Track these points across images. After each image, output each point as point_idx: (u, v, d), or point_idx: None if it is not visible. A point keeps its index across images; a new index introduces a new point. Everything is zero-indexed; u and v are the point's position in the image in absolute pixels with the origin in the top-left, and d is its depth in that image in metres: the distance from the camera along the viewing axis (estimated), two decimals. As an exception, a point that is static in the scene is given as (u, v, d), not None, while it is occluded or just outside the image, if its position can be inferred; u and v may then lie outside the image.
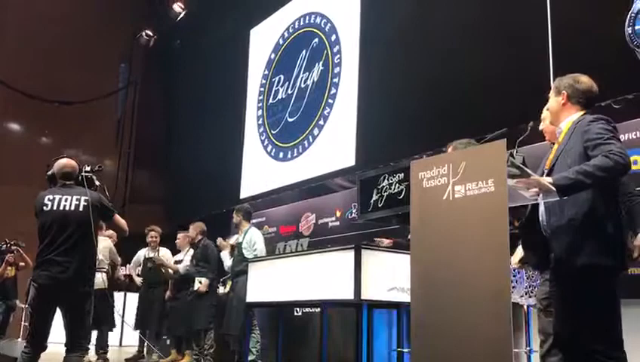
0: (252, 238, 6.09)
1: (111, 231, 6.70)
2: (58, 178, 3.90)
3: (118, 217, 3.95)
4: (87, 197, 3.74)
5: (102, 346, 6.89)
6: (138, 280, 7.78)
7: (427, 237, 2.38)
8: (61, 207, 3.74)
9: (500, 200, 2.10)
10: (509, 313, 2.02)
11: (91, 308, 3.74)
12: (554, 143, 2.81)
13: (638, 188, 4.39)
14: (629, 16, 4.64)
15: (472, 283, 2.15)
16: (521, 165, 2.13)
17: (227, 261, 6.53)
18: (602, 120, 2.58)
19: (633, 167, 4.51)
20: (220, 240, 6.64)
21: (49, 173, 3.95)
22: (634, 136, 4.66)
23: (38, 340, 3.70)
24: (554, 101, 2.82)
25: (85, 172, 3.90)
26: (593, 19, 4.92)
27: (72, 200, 3.76)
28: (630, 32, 4.63)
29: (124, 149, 13.27)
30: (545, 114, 2.98)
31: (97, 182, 3.91)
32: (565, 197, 2.36)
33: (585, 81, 2.83)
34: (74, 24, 12.21)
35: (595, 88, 2.82)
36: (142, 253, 7.84)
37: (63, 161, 3.94)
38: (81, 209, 3.72)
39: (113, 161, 12.97)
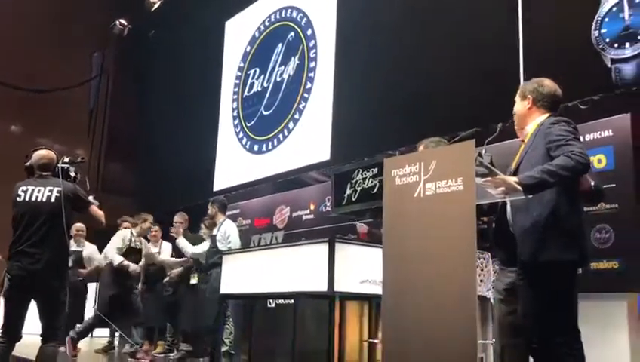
0: (226, 231, 6.11)
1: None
2: (35, 169, 3.90)
3: (94, 208, 3.93)
4: (59, 188, 3.73)
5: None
6: None
7: (399, 232, 2.48)
8: (33, 198, 3.74)
9: (469, 198, 2.21)
10: (474, 305, 2.13)
11: (66, 298, 3.74)
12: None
13: (605, 186, 4.58)
14: (595, 19, 4.81)
15: (440, 276, 2.26)
16: (489, 165, 2.24)
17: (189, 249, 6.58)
18: (563, 122, 2.71)
19: (599, 166, 4.70)
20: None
21: (27, 163, 3.95)
22: (599, 136, 4.81)
23: (11, 331, 3.71)
24: (520, 105, 2.94)
25: (63, 163, 3.89)
26: (562, 22, 5.07)
27: (44, 191, 3.75)
28: (597, 35, 4.79)
29: (97, 139, 13.14)
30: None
31: (73, 174, 3.89)
32: (530, 196, 2.49)
33: (549, 85, 2.95)
34: (47, 12, 12.02)
35: (558, 92, 2.95)
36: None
37: (41, 152, 3.94)
38: (52, 200, 3.71)
39: (85, 151, 12.81)
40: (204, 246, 6.52)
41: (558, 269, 2.60)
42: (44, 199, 3.73)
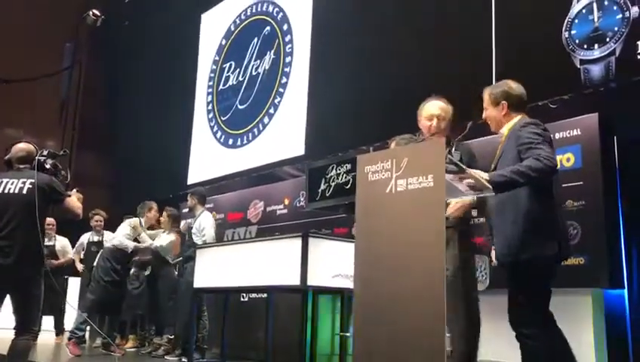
0: (201, 224, 6.09)
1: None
2: (13, 162, 3.86)
3: (69, 200, 3.86)
4: (32, 180, 3.69)
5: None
6: (80, 266, 7.69)
7: (371, 227, 2.52)
8: (6, 191, 3.69)
9: (438, 194, 2.26)
10: (443, 299, 2.19)
11: (40, 291, 3.69)
12: None
13: (573, 184, 4.69)
14: (566, 21, 4.92)
15: (410, 270, 2.31)
16: (458, 162, 2.29)
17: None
18: (532, 124, 2.83)
19: (567, 164, 4.81)
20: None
21: (6, 157, 3.90)
22: (567, 135, 4.91)
23: None
24: (494, 111, 3.05)
25: (40, 156, 3.85)
26: (534, 23, 5.17)
27: (17, 183, 3.69)
28: (567, 36, 4.90)
29: (69, 131, 12.93)
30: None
31: (48, 166, 3.84)
32: (499, 193, 2.58)
33: (515, 87, 3.07)
34: (19, 2, 11.79)
35: (523, 90, 3.08)
36: (85, 237, 7.75)
37: (19, 146, 3.90)
38: (24, 192, 3.65)
39: (56, 143, 12.60)
40: (166, 239, 6.52)
41: (536, 265, 2.76)
42: (16, 191, 3.68)
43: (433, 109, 3.27)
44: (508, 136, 2.92)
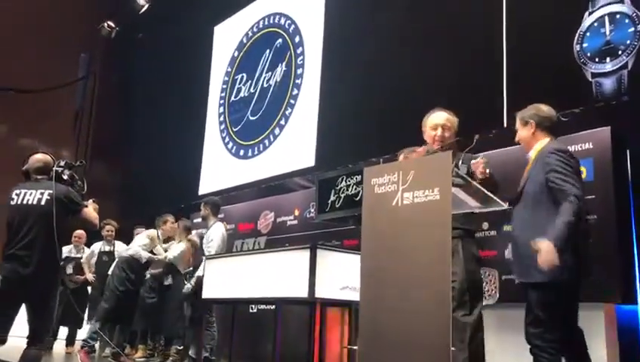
0: (210, 235, 6.08)
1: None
2: (31, 173, 3.91)
3: (87, 211, 3.90)
4: (51, 191, 3.73)
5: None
6: (90, 276, 7.70)
7: (377, 239, 2.51)
8: (25, 202, 3.76)
9: (445, 208, 2.25)
10: (448, 312, 2.17)
11: (55, 303, 3.72)
12: None
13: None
14: (577, 34, 4.89)
15: (416, 284, 2.30)
16: (465, 175, 2.28)
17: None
18: (561, 152, 2.97)
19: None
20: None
21: (24, 168, 3.96)
22: (579, 148, 4.88)
23: None
24: (524, 131, 3.19)
25: (58, 166, 3.89)
26: (545, 36, 5.15)
27: (35, 194, 3.76)
28: (578, 49, 4.87)
29: (82, 141, 13.06)
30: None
31: (65, 176, 3.87)
32: (510, 207, 2.64)
33: (545, 108, 3.22)
34: (34, 11, 11.94)
35: (554, 113, 3.23)
36: (96, 247, 7.79)
37: (36, 156, 3.96)
38: (43, 203, 3.71)
39: (70, 153, 12.74)
40: (177, 249, 6.52)
41: (553, 286, 2.88)
42: (34, 202, 3.74)
43: (438, 119, 3.29)
44: (535, 159, 3.01)
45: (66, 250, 7.35)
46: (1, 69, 11.37)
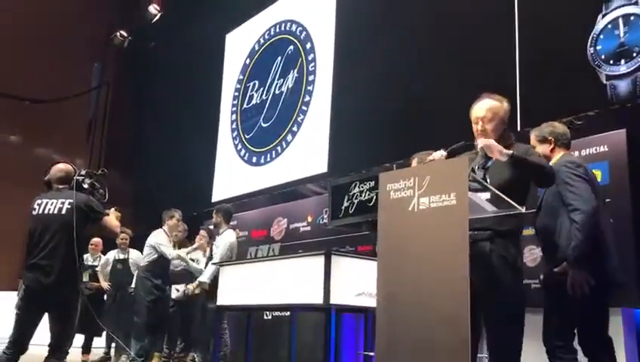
0: (218, 242, 6.08)
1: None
2: (53, 183, 3.94)
3: (108, 219, 3.92)
4: (71, 200, 3.76)
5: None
6: (105, 284, 7.71)
7: (393, 245, 2.50)
8: (46, 211, 3.80)
9: (461, 212, 2.24)
10: (467, 319, 2.15)
11: (76, 311, 3.74)
12: None
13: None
14: (591, 36, 4.86)
15: (433, 290, 2.28)
16: (482, 180, 2.27)
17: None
18: (570, 163, 3.14)
19: (594, 181, 4.72)
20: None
21: (46, 178, 3.99)
22: (594, 151, 4.84)
23: (20, 341, 3.70)
24: (542, 148, 3.33)
25: (79, 175, 3.92)
26: (559, 38, 5.12)
27: (57, 203, 3.79)
28: (592, 52, 4.84)
29: (95, 149, 13.16)
30: None
31: (86, 185, 3.90)
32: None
33: (559, 125, 3.43)
34: (47, 22, 12.08)
35: (567, 129, 3.42)
36: (111, 255, 7.81)
37: (58, 166, 4.00)
38: (63, 212, 3.75)
39: (84, 161, 12.83)
40: (209, 270, 6.36)
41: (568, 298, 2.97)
42: (55, 211, 3.77)
43: (478, 111, 3.03)
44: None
45: (83, 258, 7.40)
46: (16, 79, 11.51)
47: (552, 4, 5.26)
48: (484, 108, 3.01)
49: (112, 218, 3.97)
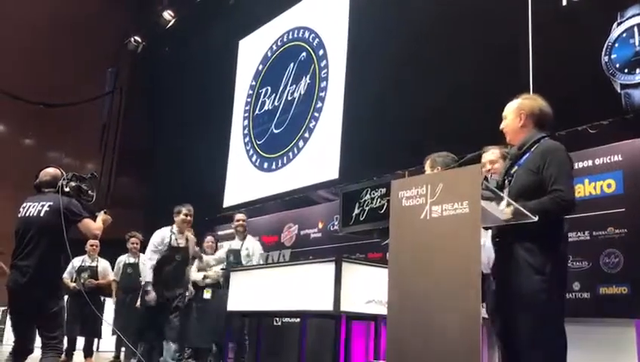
0: (250, 247, 6.33)
1: None
2: (41, 186, 3.99)
3: (85, 222, 3.88)
4: (51, 203, 3.80)
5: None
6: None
7: (404, 253, 2.49)
8: (27, 214, 3.84)
9: (474, 221, 2.23)
10: (478, 327, 2.13)
11: (56, 312, 3.72)
12: None
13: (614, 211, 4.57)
14: (605, 45, 4.83)
15: (445, 298, 2.27)
16: (495, 189, 2.25)
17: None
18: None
19: (609, 190, 4.69)
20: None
21: (35, 182, 4.03)
22: (608, 160, 4.81)
23: (18, 344, 3.75)
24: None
25: (64, 179, 3.95)
26: (573, 47, 5.09)
27: (37, 206, 3.84)
28: (607, 60, 4.81)
29: (108, 154, 13.26)
30: None
31: (67, 188, 3.91)
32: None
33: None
34: (62, 27, 12.21)
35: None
36: (122, 259, 7.84)
37: (46, 170, 4.03)
38: (42, 214, 3.79)
39: (96, 165, 12.94)
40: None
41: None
42: (35, 214, 3.82)
43: (505, 111, 2.93)
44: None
45: (79, 259, 7.42)
46: (31, 84, 11.63)
47: (566, 12, 5.23)
48: (506, 109, 2.92)
49: (90, 221, 3.92)
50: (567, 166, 2.61)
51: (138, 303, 6.30)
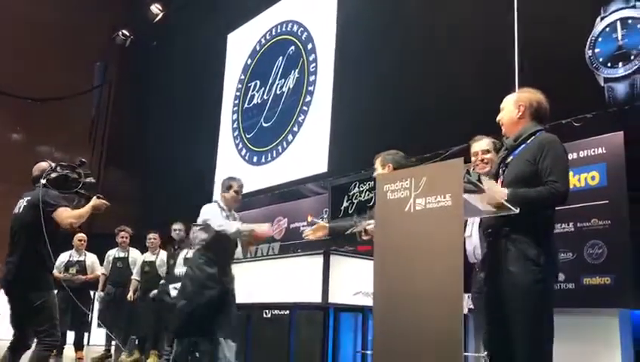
0: None
1: None
2: (33, 181, 4.00)
3: (59, 211, 3.78)
4: (29, 198, 3.83)
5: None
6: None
7: (389, 245, 2.54)
8: (15, 210, 3.89)
9: (456, 213, 2.28)
10: (460, 317, 2.19)
11: (43, 302, 3.70)
12: None
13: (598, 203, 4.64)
14: (589, 39, 4.90)
15: (428, 289, 2.32)
16: (477, 182, 2.31)
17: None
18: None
19: (592, 182, 4.76)
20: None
21: (32, 178, 4.04)
22: (592, 153, 4.86)
23: (15, 339, 3.78)
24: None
25: (48, 171, 3.93)
26: (557, 42, 5.15)
27: (22, 202, 3.87)
28: (590, 54, 4.88)
29: (97, 147, 13.21)
30: None
31: (43, 181, 3.88)
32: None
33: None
34: (50, 21, 12.14)
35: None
36: (112, 253, 7.84)
37: (37, 165, 4.03)
38: (22, 210, 3.83)
39: (86, 160, 12.82)
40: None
41: None
42: (18, 210, 3.87)
43: (503, 103, 2.93)
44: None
45: (67, 254, 7.42)
46: (19, 78, 11.56)
47: (550, 7, 5.29)
48: (504, 100, 2.96)
49: (64, 210, 3.80)
50: (563, 159, 2.66)
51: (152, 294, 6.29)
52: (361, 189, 5.60)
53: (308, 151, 7.90)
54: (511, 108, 2.86)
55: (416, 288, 2.36)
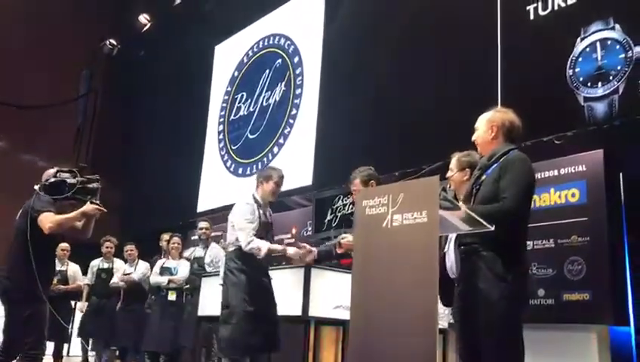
0: (218, 255, 6.15)
1: None
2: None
3: (42, 216, 3.69)
4: (24, 205, 3.82)
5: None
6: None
7: (367, 260, 2.57)
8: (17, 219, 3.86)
9: (432, 230, 2.31)
10: (435, 333, 2.22)
11: (30, 313, 3.64)
12: None
13: (577, 220, 4.70)
14: (569, 59, 4.99)
15: (404, 303, 2.35)
16: (452, 199, 2.35)
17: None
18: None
19: (572, 199, 4.83)
20: None
21: None
22: (573, 170, 4.94)
23: (2, 349, 3.75)
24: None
25: (47, 177, 3.91)
26: (539, 61, 5.24)
27: (21, 210, 3.84)
28: (571, 73, 4.96)
29: (82, 157, 13.11)
30: None
31: (35, 186, 3.85)
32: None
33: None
34: (36, 28, 12.07)
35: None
36: (96, 264, 7.78)
37: (44, 172, 3.98)
38: (17, 217, 3.82)
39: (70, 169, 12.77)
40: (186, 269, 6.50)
41: None
42: (16, 218, 3.84)
43: (477, 123, 3.01)
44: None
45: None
46: (4, 85, 11.46)
47: (534, 27, 5.38)
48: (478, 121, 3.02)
49: (47, 215, 3.69)
50: (521, 176, 2.67)
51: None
52: (345, 203, 5.63)
53: (293, 164, 7.91)
54: (484, 128, 2.92)
55: (392, 303, 2.39)
